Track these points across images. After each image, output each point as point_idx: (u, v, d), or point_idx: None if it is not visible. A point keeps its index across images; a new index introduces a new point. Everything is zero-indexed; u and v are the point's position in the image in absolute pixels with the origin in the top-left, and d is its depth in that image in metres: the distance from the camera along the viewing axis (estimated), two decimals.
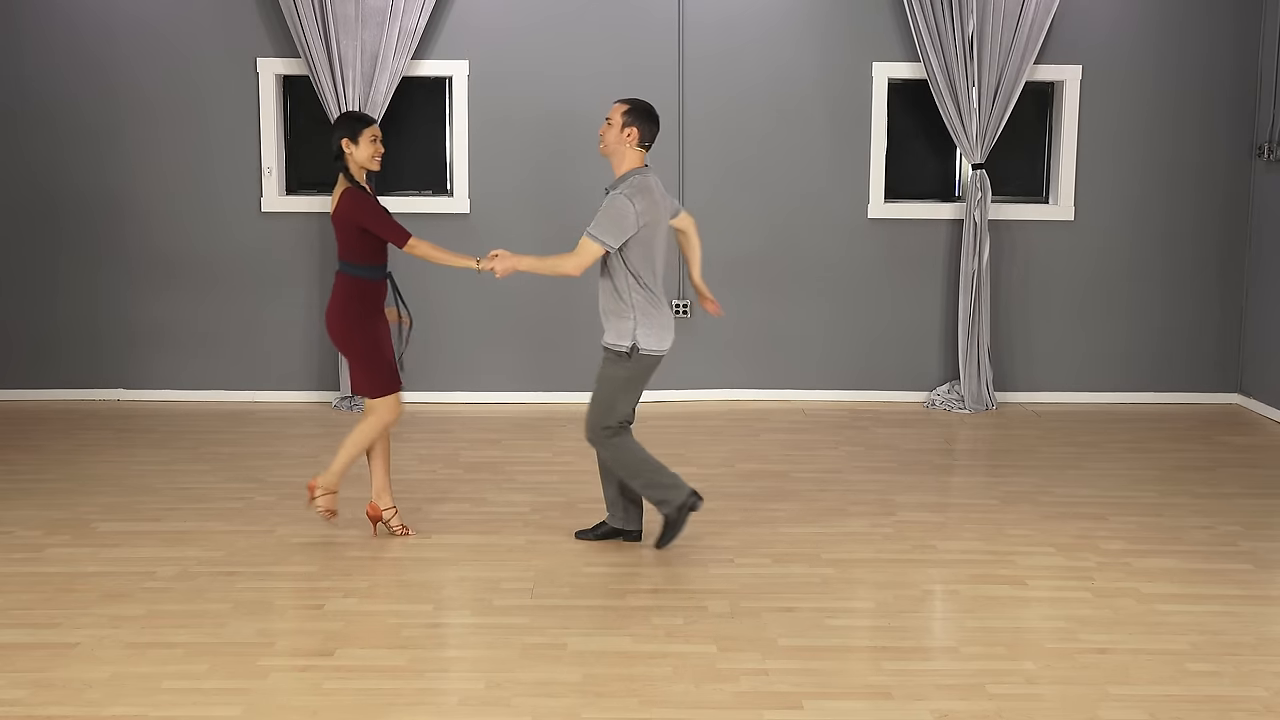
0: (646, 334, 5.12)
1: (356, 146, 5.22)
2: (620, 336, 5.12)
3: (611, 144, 5.11)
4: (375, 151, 5.25)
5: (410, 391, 8.13)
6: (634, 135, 5.08)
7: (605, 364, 5.20)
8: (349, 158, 5.23)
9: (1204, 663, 4.27)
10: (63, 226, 8.04)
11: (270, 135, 7.97)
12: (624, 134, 5.08)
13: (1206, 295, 8.31)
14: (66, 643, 4.34)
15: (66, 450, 6.91)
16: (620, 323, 5.12)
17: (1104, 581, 5.03)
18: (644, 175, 5.12)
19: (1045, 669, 4.21)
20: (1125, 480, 6.51)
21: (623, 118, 5.08)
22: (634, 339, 5.10)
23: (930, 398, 8.24)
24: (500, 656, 4.28)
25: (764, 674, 4.15)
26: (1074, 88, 8.10)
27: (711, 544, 5.44)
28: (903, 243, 8.22)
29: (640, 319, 5.10)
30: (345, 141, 5.22)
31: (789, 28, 8.01)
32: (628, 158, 5.11)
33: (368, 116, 5.31)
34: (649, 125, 5.12)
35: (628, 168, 5.12)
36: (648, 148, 5.15)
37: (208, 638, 4.39)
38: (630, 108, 5.10)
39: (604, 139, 5.12)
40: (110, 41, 7.87)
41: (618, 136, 5.08)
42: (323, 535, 5.50)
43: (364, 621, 4.58)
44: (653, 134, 5.14)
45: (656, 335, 5.14)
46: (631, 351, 5.11)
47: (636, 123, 5.09)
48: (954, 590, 4.97)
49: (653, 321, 5.13)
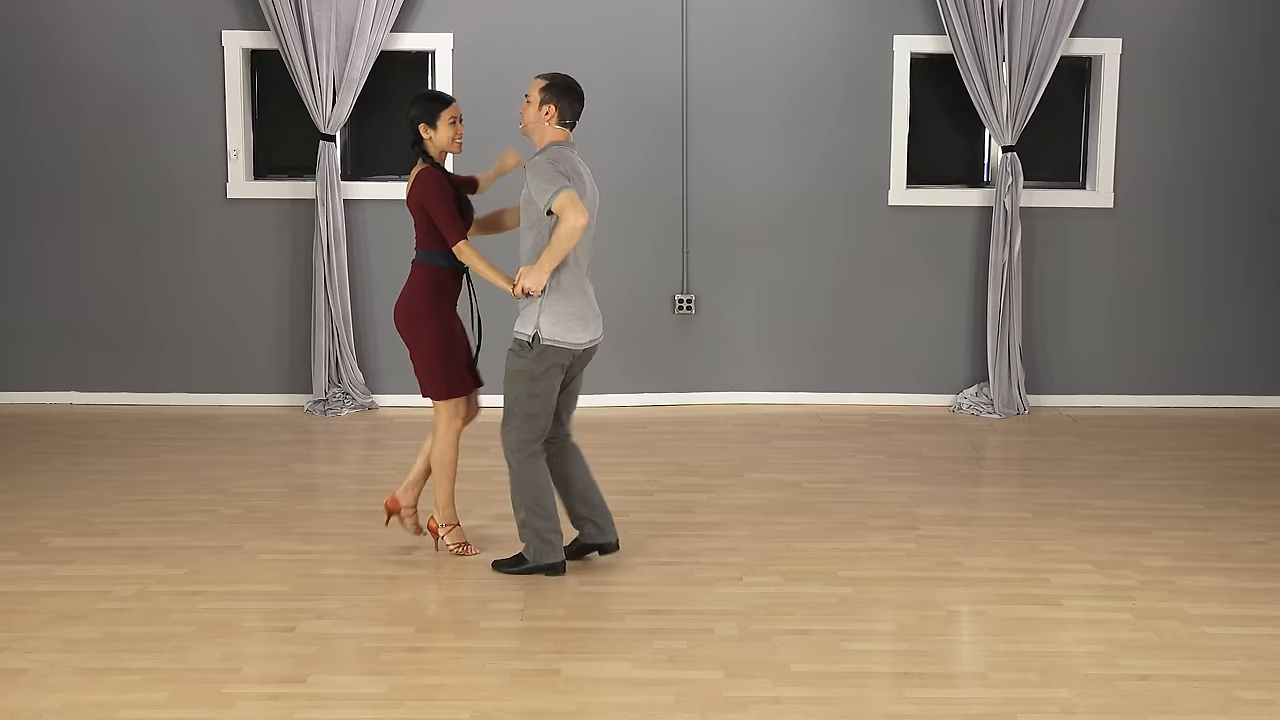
0: (550, 322, 5.04)
1: (435, 131, 5.26)
2: (524, 323, 5.08)
3: (530, 123, 5.12)
4: (456, 134, 5.30)
5: (392, 395, 8.17)
6: (553, 114, 5.09)
7: (509, 354, 5.13)
8: (428, 143, 5.28)
9: (1255, 690, 4.27)
10: (4, 212, 8.04)
11: (236, 115, 7.98)
12: (542, 111, 5.09)
13: (1258, 290, 8.31)
14: (14, 668, 4.34)
15: (13, 459, 6.91)
16: (529, 306, 5.07)
17: (1146, 602, 5.03)
18: (566, 148, 5.10)
19: (1082, 697, 4.21)
20: (1169, 491, 6.52)
21: (540, 94, 5.09)
22: (536, 327, 5.04)
23: (957, 401, 8.25)
24: (488, 683, 4.28)
25: (775, 702, 4.15)
26: (1113, 62, 8.10)
27: (719, 560, 5.44)
28: (927, 232, 8.23)
29: (548, 305, 5.04)
30: (423, 126, 5.26)
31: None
32: (547, 137, 5.11)
33: (446, 95, 5.37)
34: (570, 103, 5.12)
35: (542, 146, 5.11)
36: (570, 126, 5.15)
37: (169, 663, 4.39)
38: (549, 83, 5.11)
39: (523, 117, 5.13)
40: (62, 11, 7.87)
41: (536, 115, 5.10)
42: (294, 552, 5.50)
43: (339, 645, 4.58)
44: (575, 112, 5.15)
45: (557, 323, 5.05)
46: (532, 341, 5.04)
47: (556, 99, 5.09)
48: (982, 611, 4.98)
49: (561, 308, 5.05)
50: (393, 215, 8.04)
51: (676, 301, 8.19)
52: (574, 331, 5.07)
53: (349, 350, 8.02)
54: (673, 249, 8.14)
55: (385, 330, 8.17)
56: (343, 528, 5.83)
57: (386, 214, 8.03)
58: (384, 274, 8.10)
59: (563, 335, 5.05)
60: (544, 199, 4.91)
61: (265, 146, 8.20)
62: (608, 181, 7.76)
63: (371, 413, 8.05)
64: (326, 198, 7.86)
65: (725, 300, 8.23)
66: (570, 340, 5.06)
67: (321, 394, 7.99)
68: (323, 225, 7.85)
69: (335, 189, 7.88)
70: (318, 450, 7.30)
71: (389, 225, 8.05)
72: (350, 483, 6.66)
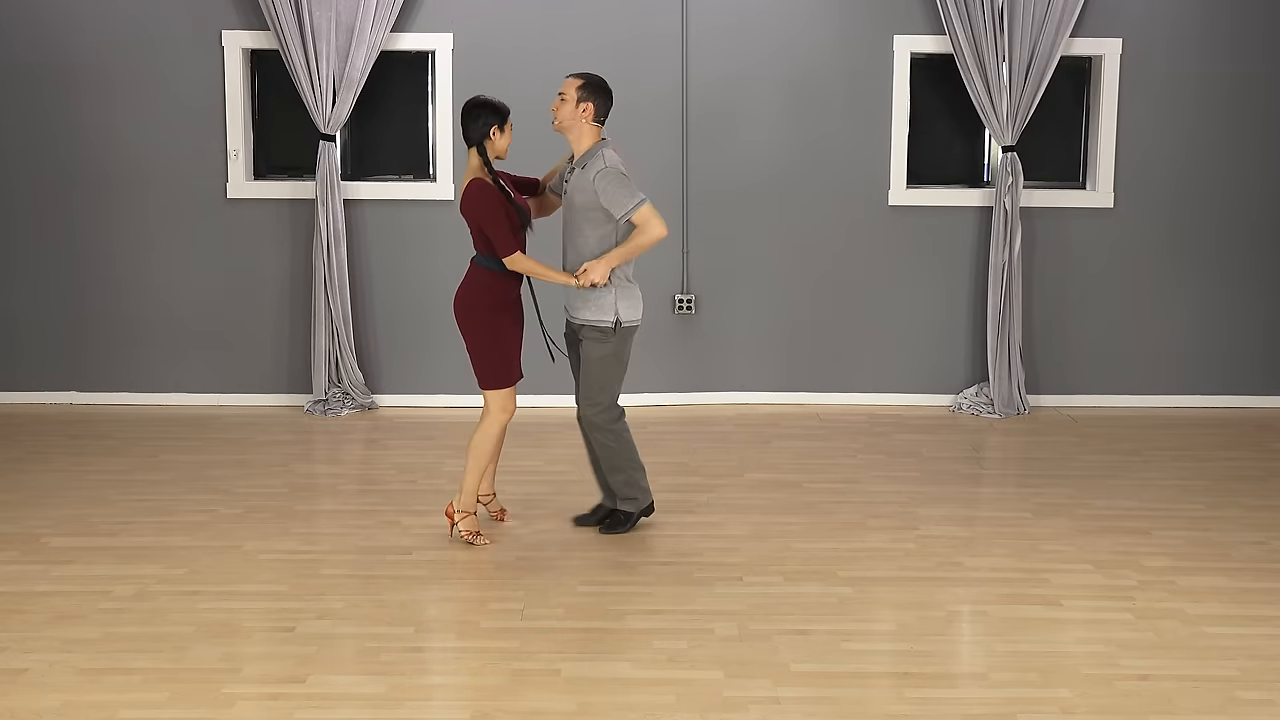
0: (626, 306, 5.54)
1: (502, 135, 5.49)
2: (603, 311, 5.51)
3: (566, 120, 5.48)
4: (509, 141, 5.55)
5: (392, 395, 8.18)
6: (590, 110, 5.46)
7: (591, 344, 5.57)
8: (489, 144, 5.46)
9: (1255, 690, 4.27)
10: (3, 212, 8.04)
11: (236, 115, 7.98)
12: (580, 109, 5.46)
13: (1260, 290, 8.31)
14: (14, 668, 4.34)
15: (13, 459, 6.91)
16: (602, 296, 5.50)
17: (1146, 602, 5.03)
18: (613, 148, 5.51)
19: (1082, 697, 4.21)
20: (1170, 491, 6.52)
21: (578, 93, 5.46)
22: (616, 313, 5.50)
23: (957, 401, 8.25)
24: (488, 683, 4.28)
25: (775, 702, 4.16)
26: (1114, 63, 8.11)
27: (718, 561, 5.45)
28: (926, 232, 8.23)
29: (620, 292, 5.52)
30: (495, 129, 5.47)
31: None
32: (585, 133, 5.49)
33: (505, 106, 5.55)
34: (604, 100, 5.52)
35: (588, 144, 5.50)
36: (603, 123, 5.54)
37: (168, 663, 4.40)
38: (585, 82, 5.48)
39: (558, 115, 5.50)
40: (62, 11, 7.87)
41: (573, 112, 5.47)
42: (294, 551, 5.51)
43: (339, 645, 4.59)
44: (608, 109, 5.55)
45: (631, 305, 5.56)
46: (615, 326, 5.51)
47: (592, 97, 5.47)
48: (982, 611, 4.98)
49: (628, 293, 5.55)
50: (393, 215, 8.05)
51: (676, 301, 8.19)
52: (639, 310, 5.62)
53: (349, 350, 8.02)
54: (673, 249, 8.14)
55: (385, 330, 8.18)
56: (343, 528, 5.84)
57: (386, 214, 8.04)
58: (384, 274, 8.10)
59: (636, 315, 5.60)
60: (624, 210, 5.36)
61: (265, 146, 8.20)
62: None
63: (371, 413, 8.05)
64: (326, 198, 7.86)
65: (725, 300, 8.23)
66: (638, 318, 5.62)
67: (321, 394, 7.99)
68: (323, 225, 7.85)
69: (335, 189, 7.88)
70: (318, 450, 7.30)
71: (389, 225, 8.06)
72: (350, 483, 6.66)
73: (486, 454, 5.60)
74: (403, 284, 8.11)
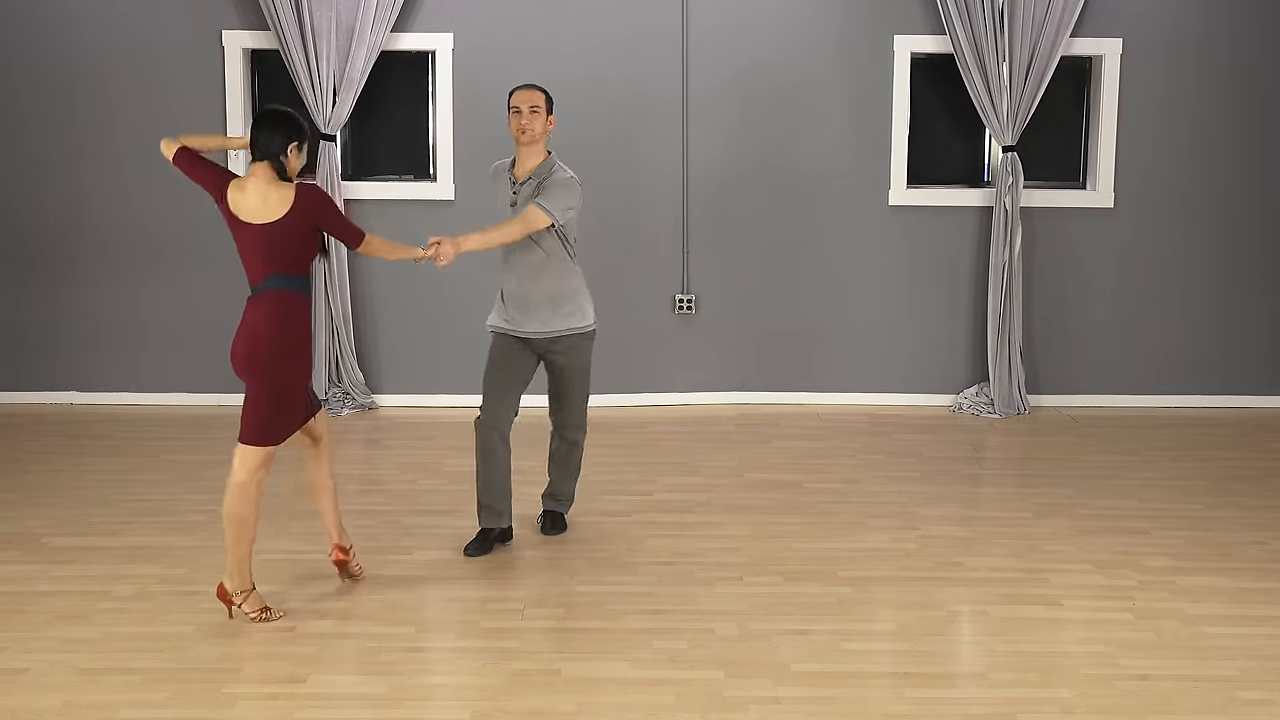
0: (591, 306, 5.55)
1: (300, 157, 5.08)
2: (583, 316, 5.50)
3: (540, 133, 5.35)
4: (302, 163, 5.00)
5: (392, 395, 8.17)
6: (553, 122, 5.41)
7: (578, 352, 5.52)
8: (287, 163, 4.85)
9: (1255, 690, 4.27)
10: (3, 212, 8.04)
11: (236, 115, 7.98)
12: (548, 121, 5.40)
13: (1260, 290, 8.31)
14: (14, 668, 4.34)
15: (13, 459, 6.91)
16: (582, 300, 5.50)
17: (1146, 602, 5.03)
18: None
19: (1082, 697, 4.21)
20: (1170, 491, 6.52)
21: (546, 105, 5.37)
22: (593, 316, 5.54)
23: (957, 401, 8.25)
24: (488, 684, 4.28)
25: (776, 702, 4.16)
26: (1114, 62, 8.11)
27: (718, 560, 5.45)
28: (927, 232, 8.23)
29: (586, 294, 5.53)
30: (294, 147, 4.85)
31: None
32: (543, 147, 5.40)
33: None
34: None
35: (543, 157, 5.40)
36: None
37: (168, 663, 4.40)
38: (547, 95, 5.40)
39: (531, 128, 5.30)
40: (62, 11, 7.88)
41: (544, 126, 5.37)
42: (294, 551, 5.51)
43: (339, 645, 4.59)
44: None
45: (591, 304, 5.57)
46: (594, 329, 5.55)
47: (552, 110, 5.42)
48: (982, 611, 4.98)
49: (588, 293, 5.56)
50: (393, 215, 8.04)
51: (676, 301, 8.19)
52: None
53: (349, 350, 8.02)
54: (673, 249, 8.14)
55: (385, 330, 8.18)
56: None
57: (387, 214, 8.03)
58: (384, 274, 8.10)
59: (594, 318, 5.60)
60: (554, 208, 5.22)
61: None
62: (608, 181, 7.80)
63: (371, 413, 8.05)
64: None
65: (725, 300, 8.23)
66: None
67: (321, 394, 7.99)
68: None
69: (335, 189, 7.88)
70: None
71: (389, 225, 8.04)
72: (350, 483, 6.65)
73: (250, 520, 4.77)
74: (403, 284, 8.11)
